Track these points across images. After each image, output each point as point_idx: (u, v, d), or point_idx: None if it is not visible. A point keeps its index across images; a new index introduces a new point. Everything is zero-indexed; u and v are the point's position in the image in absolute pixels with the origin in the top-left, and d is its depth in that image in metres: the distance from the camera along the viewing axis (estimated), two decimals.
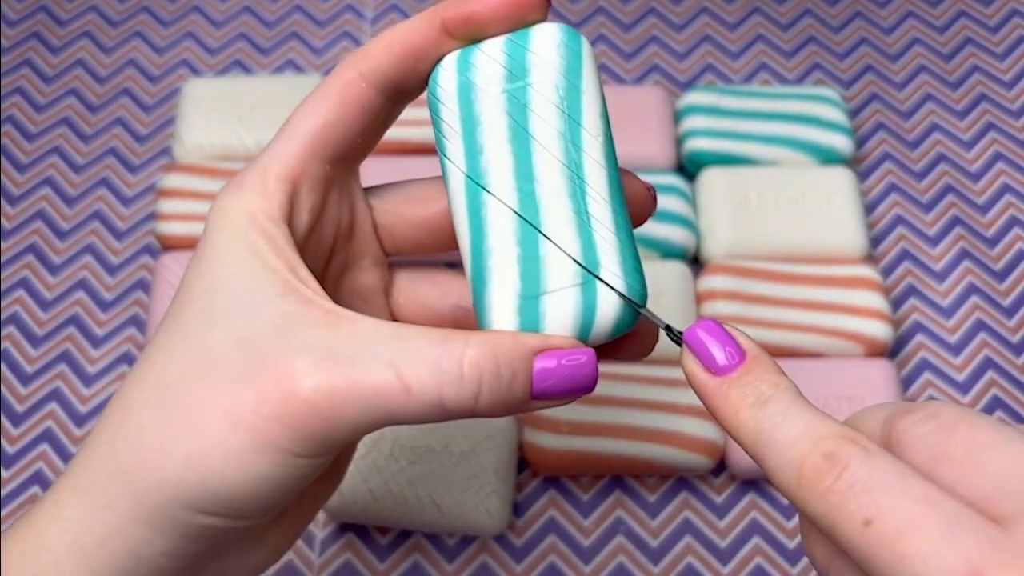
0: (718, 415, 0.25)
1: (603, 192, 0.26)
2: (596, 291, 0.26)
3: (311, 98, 0.27)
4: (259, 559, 0.28)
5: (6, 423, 0.46)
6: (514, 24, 0.26)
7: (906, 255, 0.50)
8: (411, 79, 0.27)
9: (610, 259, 0.26)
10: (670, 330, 0.26)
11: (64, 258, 0.50)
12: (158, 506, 0.24)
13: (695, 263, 0.49)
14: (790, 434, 0.23)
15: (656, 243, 0.47)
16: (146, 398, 0.25)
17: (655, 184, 0.49)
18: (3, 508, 0.45)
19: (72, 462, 0.26)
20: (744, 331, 0.26)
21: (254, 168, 0.27)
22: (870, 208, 0.51)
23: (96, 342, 0.48)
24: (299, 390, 0.24)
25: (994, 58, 0.55)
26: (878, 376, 0.45)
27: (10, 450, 0.46)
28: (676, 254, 0.48)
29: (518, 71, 0.26)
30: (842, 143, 0.50)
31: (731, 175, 0.49)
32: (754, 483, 0.45)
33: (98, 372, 0.48)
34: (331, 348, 0.24)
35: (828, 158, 0.50)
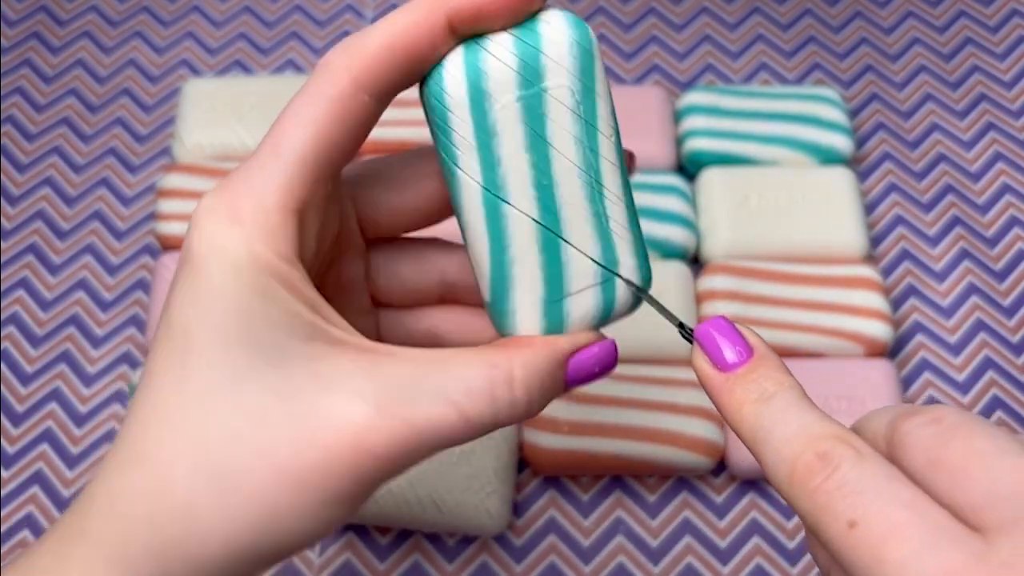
0: (722, 410, 0.25)
1: (617, 191, 0.26)
2: (615, 287, 0.27)
3: (302, 108, 0.25)
4: None
5: (6, 423, 0.46)
6: (520, 16, 0.25)
7: (906, 255, 0.50)
8: (410, 82, 0.25)
9: (627, 255, 0.27)
10: (682, 327, 0.27)
11: (64, 258, 0.50)
12: (218, 572, 0.24)
13: (695, 263, 0.49)
14: (787, 431, 0.23)
15: (656, 243, 0.47)
16: (182, 465, 0.23)
17: (655, 184, 0.49)
18: (3, 508, 0.45)
19: (82, 528, 0.24)
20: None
21: (247, 194, 0.24)
22: (870, 208, 0.51)
23: (96, 342, 0.48)
24: (361, 442, 0.23)
25: (994, 58, 0.55)
26: (878, 376, 0.45)
27: (10, 450, 0.46)
28: (676, 254, 0.48)
29: (531, 75, 0.25)
30: (842, 143, 0.50)
31: (731, 175, 0.49)
32: (754, 483, 0.45)
33: (98, 372, 0.48)
34: (379, 391, 0.24)
35: (828, 158, 0.50)
